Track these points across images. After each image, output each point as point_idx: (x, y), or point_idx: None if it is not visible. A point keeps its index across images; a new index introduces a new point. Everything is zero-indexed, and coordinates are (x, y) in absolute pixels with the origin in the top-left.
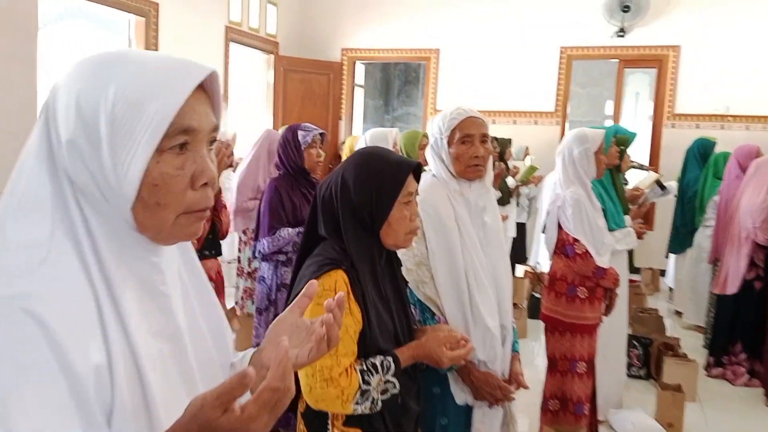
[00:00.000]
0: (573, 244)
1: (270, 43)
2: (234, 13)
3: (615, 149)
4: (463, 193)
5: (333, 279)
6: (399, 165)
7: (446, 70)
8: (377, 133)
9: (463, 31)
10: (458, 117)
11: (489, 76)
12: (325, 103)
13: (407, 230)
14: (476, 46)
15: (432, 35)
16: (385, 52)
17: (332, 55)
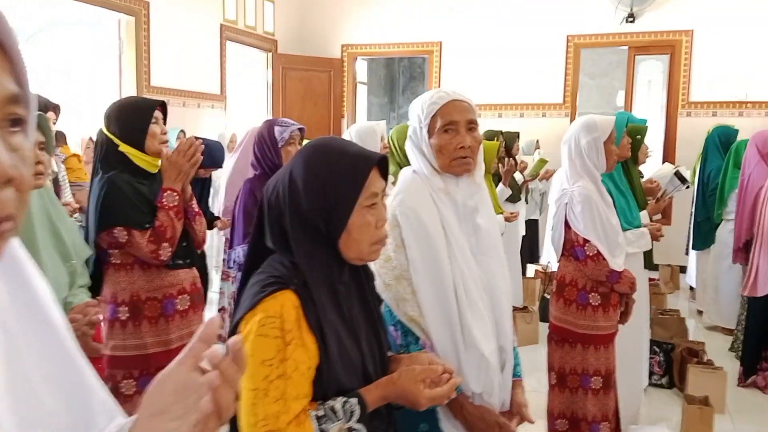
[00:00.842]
0: (583, 246)
1: (268, 41)
2: (229, 11)
3: (627, 140)
4: (450, 192)
5: (279, 303)
6: (359, 160)
7: (449, 64)
8: (363, 128)
9: (466, 22)
10: (439, 101)
11: (494, 68)
12: (326, 102)
13: (372, 240)
14: (479, 38)
15: (433, 28)
16: (386, 47)
17: (332, 52)
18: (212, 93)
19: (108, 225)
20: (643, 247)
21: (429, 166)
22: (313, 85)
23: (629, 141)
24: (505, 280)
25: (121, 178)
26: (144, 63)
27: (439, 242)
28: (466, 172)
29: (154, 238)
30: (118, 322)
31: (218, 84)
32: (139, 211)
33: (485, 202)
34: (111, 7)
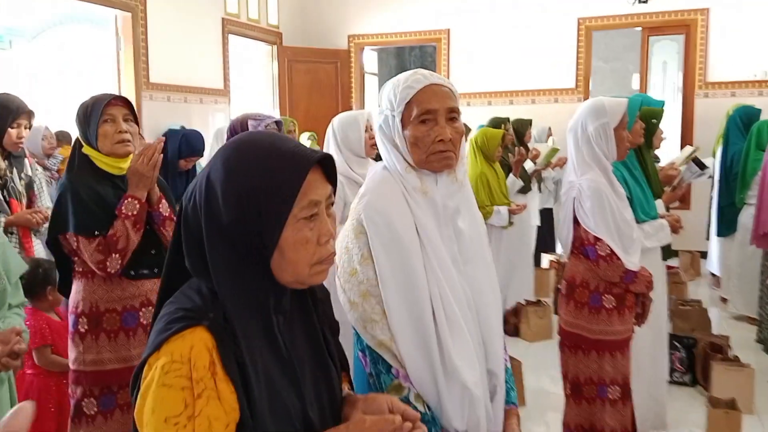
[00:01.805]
0: (594, 245)
1: (272, 33)
2: (231, 4)
3: (640, 125)
4: (427, 192)
5: (188, 344)
6: (292, 160)
7: (458, 51)
8: (344, 118)
9: (473, 8)
10: (415, 86)
11: (504, 55)
12: (333, 93)
13: (313, 259)
14: (488, 24)
15: (441, 15)
16: (393, 36)
17: (338, 43)
18: (215, 88)
19: (57, 231)
20: (662, 241)
21: (403, 161)
22: (320, 77)
23: (643, 126)
24: (494, 292)
25: (80, 181)
26: (142, 59)
27: (413, 251)
28: (447, 168)
29: (102, 248)
30: (78, 334)
31: (221, 78)
32: (92, 217)
33: (468, 203)
34: (106, 3)
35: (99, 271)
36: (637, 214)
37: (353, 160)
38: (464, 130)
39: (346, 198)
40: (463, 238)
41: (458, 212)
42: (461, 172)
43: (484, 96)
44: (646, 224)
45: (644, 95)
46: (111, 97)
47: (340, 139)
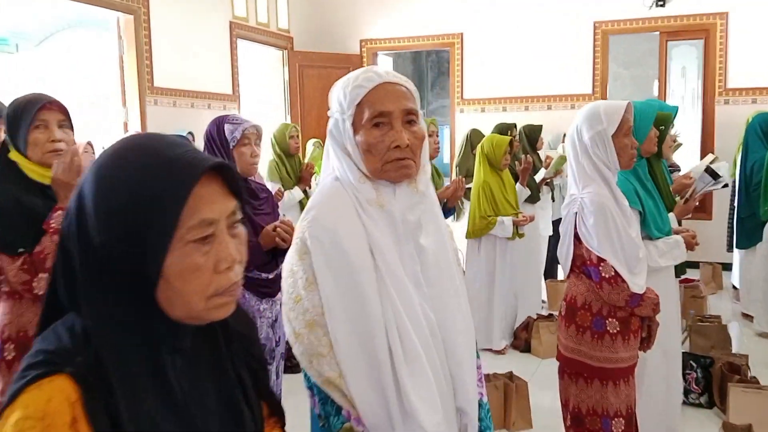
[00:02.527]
0: (598, 266)
1: (283, 38)
2: (239, 8)
3: (654, 132)
4: (383, 205)
5: (45, 396)
6: (177, 168)
7: (471, 56)
8: None
9: (487, 12)
10: (366, 84)
11: (518, 60)
12: None
13: (210, 291)
14: (502, 28)
15: (454, 19)
16: (406, 41)
17: (351, 48)
18: (224, 93)
19: None
20: (677, 259)
21: (355, 170)
22: (332, 82)
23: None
24: (464, 318)
25: (4, 190)
26: (146, 63)
27: (364, 274)
28: (405, 178)
29: (28, 266)
30: (4, 362)
31: (230, 83)
32: (16, 231)
33: (433, 216)
34: (108, 5)
35: (24, 292)
36: (649, 230)
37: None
38: (425, 134)
39: None
40: (427, 257)
41: (420, 227)
42: (423, 181)
43: (498, 102)
44: (660, 241)
45: (657, 101)
46: (45, 100)
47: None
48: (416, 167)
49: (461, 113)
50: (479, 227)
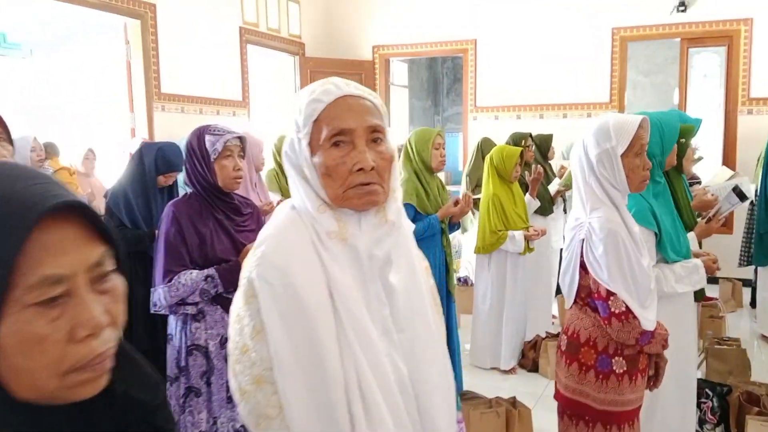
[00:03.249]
0: (607, 300)
1: (294, 44)
2: (249, 13)
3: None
4: (346, 238)
5: None
6: (13, 209)
7: (485, 63)
8: None
9: (502, 17)
10: (323, 99)
11: (533, 66)
12: None
13: (64, 366)
14: (517, 34)
15: (468, 25)
16: (419, 47)
17: (363, 54)
18: (233, 99)
19: None
20: (696, 285)
21: (314, 197)
22: None
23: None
24: (441, 368)
25: None
26: (153, 69)
27: (321, 320)
28: (371, 205)
29: None
30: None
31: (240, 89)
32: None
33: (405, 250)
34: (114, 10)
35: None
36: (665, 252)
37: None
38: (393, 155)
39: None
40: (397, 298)
41: (390, 263)
42: (393, 210)
43: (512, 109)
44: (678, 265)
45: (679, 112)
46: None
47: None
48: (384, 193)
49: (474, 121)
50: (489, 242)
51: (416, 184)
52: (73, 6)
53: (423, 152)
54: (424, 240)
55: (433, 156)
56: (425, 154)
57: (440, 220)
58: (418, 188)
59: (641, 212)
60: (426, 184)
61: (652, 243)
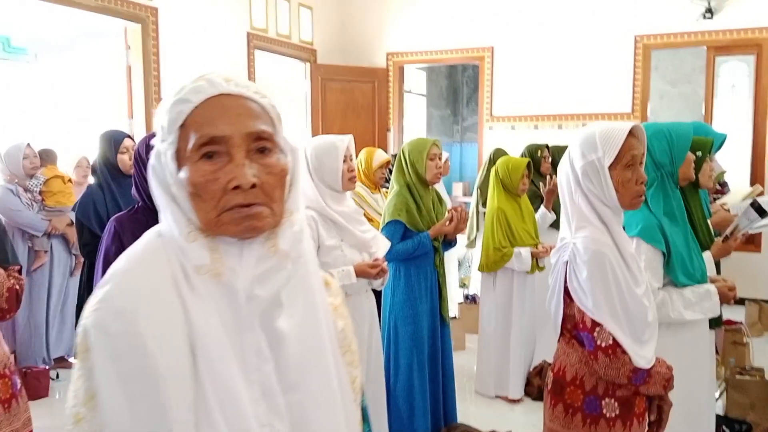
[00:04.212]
0: (592, 331)
1: (306, 50)
2: (258, 18)
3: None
4: (221, 274)
5: None
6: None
7: (502, 71)
8: (321, 143)
9: (520, 24)
10: (191, 98)
11: (552, 75)
12: (369, 114)
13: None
14: (535, 41)
15: (484, 32)
16: (434, 54)
17: (376, 61)
18: None
19: None
20: (707, 313)
21: (183, 222)
22: (356, 96)
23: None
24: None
25: None
26: (153, 74)
27: (173, 387)
28: (252, 233)
29: None
30: None
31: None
32: None
33: (302, 287)
34: (114, 14)
35: None
36: (674, 275)
37: (328, 194)
38: (284, 168)
39: (321, 239)
40: (286, 350)
41: (279, 306)
42: (287, 237)
43: (530, 119)
44: (688, 289)
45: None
46: None
47: (312, 168)
48: (274, 216)
49: (490, 131)
50: (493, 260)
51: (407, 199)
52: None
53: (417, 164)
54: (414, 260)
55: (428, 168)
56: (419, 166)
57: (433, 237)
58: (408, 203)
59: (649, 229)
60: (419, 198)
61: (660, 264)
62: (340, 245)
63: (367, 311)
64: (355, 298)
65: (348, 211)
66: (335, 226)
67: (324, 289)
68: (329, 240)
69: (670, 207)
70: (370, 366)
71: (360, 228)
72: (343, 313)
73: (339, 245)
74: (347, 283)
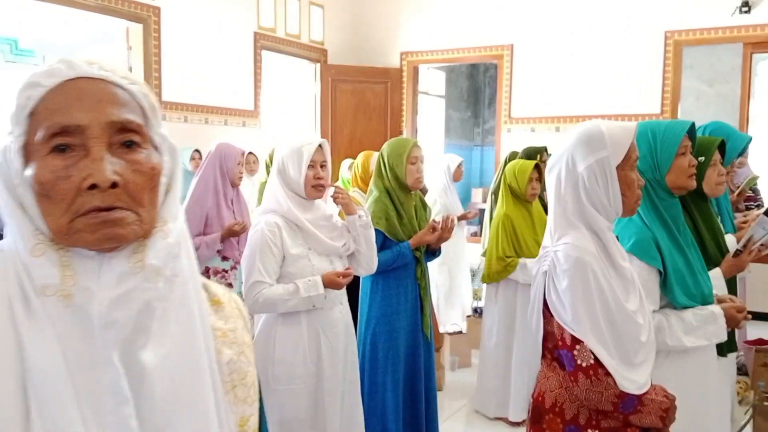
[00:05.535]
0: (572, 349)
1: (316, 50)
2: (266, 17)
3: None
4: (71, 295)
5: None
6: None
7: (522, 70)
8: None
9: (541, 20)
10: (43, 82)
11: (575, 74)
12: (381, 116)
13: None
14: (558, 38)
15: (504, 29)
16: (450, 53)
17: (390, 61)
18: (243, 108)
19: None
20: (712, 338)
21: (30, 231)
22: (367, 97)
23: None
24: None
25: None
26: (154, 76)
27: None
28: (114, 242)
29: None
30: None
31: (251, 98)
32: None
33: (180, 309)
34: (115, 14)
35: None
36: (672, 295)
37: (294, 200)
38: (158, 167)
39: (285, 247)
40: (151, 387)
41: (144, 334)
42: (160, 249)
43: (551, 121)
44: (689, 312)
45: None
46: None
47: (278, 171)
48: (141, 223)
49: (508, 133)
50: (496, 270)
51: (386, 206)
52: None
53: (397, 167)
54: (394, 272)
55: (409, 172)
56: (399, 170)
57: (414, 247)
58: (388, 210)
59: (642, 243)
60: (399, 205)
61: (655, 283)
62: (306, 254)
63: (341, 326)
64: (327, 312)
65: (315, 217)
66: (301, 232)
67: (208, 314)
68: (294, 248)
69: (662, 218)
70: (345, 384)
71: (330, 234)
72: (236, 340)
73: (305, 254)
74: (314, 295)
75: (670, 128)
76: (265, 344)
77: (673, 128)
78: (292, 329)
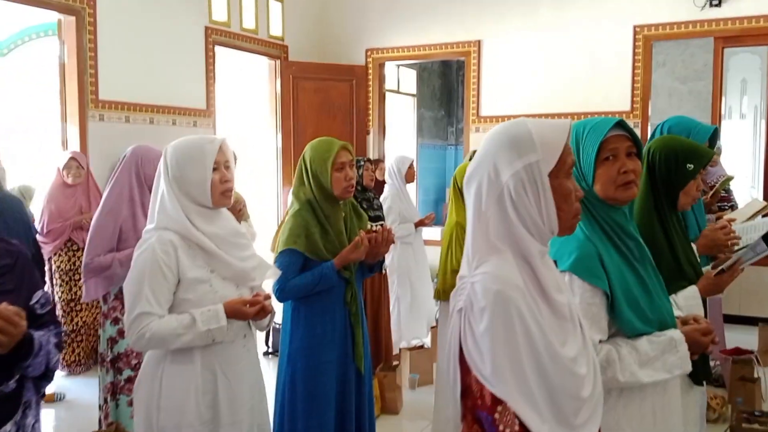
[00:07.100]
0: (492, 412)
1: (275, 46)
2: (218, 11)
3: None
4: None
5: None
6: None
7: (490, 67)
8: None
9: (509, 16)
10: None
11: (544, 70)
12: (346, 115)
13: None
14: (526, 35)
15: (471, 25)
16: (417, 50)
17: (355, 58)
18: (193, 107)
19: None
20: (673, 370)
21: None
22: (331, 96)
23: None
24: None
25: None
26: (89, 72)
27: None
28: None
29: None
30: None
31: (203, 96)
32: None
33: None
34: (46, 5)
35: None
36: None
37: (194, 212)
38: None
39: (181, 270)
40: None
41: None
42: None
43: None
44: (644, 340)
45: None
46: None
47: (172, 177)
48: None
49: (476, 133)
50: (450, 285)
51: (307, 221)
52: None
53: (321, 175)
54: (318, 297)
55: (335, 180)
56: (324, 178)
57: (339, 267)
58: (309, 226)
59: (583, 261)
60: (324, 219)
61: (601, 307)
62: (208, 278)
63: (246, 367)
64: (225, 347)
65: (222, 233)
66: (202, 252)
67: None
68: (193, 271)
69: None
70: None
71: (239, 254)
72: None
73: (207, 278)
74: (214, 328)
75: (593, 128)
76: (150, 386)
77: (595, 128)
78: (183, 367)
